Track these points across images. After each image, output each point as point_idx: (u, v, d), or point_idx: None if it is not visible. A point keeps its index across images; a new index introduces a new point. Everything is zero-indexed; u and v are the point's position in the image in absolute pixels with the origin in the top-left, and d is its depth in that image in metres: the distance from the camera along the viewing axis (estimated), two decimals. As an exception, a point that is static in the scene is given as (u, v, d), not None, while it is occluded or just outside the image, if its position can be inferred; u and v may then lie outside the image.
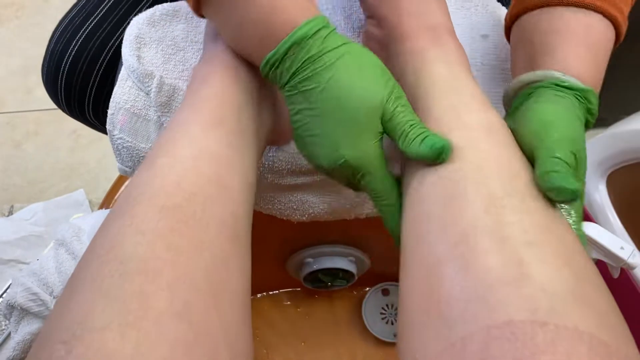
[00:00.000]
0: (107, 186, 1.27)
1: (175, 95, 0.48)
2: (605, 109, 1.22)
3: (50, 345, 0.23)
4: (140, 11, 0.62)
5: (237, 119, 0.35)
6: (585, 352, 0.21)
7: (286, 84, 0.34)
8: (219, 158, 0.32)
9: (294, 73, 0.33)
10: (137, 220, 0.27)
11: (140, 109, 0.48)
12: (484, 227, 0.27)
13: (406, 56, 0.38)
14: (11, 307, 0.52)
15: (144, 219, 0.27)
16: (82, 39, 0.60)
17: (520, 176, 0.29)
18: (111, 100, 0.49)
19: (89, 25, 0.61)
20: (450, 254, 0.27)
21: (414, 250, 0.30)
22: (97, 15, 0.62)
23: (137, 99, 0.48)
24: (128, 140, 0.49)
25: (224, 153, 0.33)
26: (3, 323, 0.97)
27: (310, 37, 0.32)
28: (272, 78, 0.35)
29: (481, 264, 0.25)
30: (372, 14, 0.42)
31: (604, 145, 1.01)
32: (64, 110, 0.66)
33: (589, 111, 0.36)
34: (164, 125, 0.48)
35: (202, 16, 0.37)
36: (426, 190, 0.31)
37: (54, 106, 0.66)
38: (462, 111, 0.33)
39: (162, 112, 0.48)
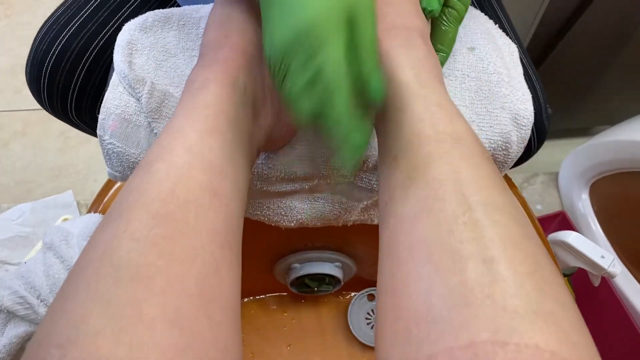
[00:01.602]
0: (95, 188, 1.27)
1: (167, 101, 0.48)
2: (589, 119, 1.25)
3: (44, 349, 0.24)
4: (125, 13, 0.62)
5: (232, 128, 0.36)
6: None
7: None
8: (213, 166, 0.33)
9: None
10: (132, 227, 0.28)
11: (131, 115, 0.49)
12: (447, 247, 0.27)
13: None
14: (-2, 310, 0.52)
15: (138, 226, 0.28)
16: (66, 38, 0.60)
17: (483, 188, 0.29)
18: (102, 105, 0.49)
19: (73, 25, 0.61)
20: (418, 274, 0.27)
21: (387, 271, 0.30)
22: (82, 15, 0.62)
23: (128, 105, 0.49)
24: (118, 146, 0.49)
25: (218, 161, 0.33)
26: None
27: None
28: None
29: (445, 284, 0.25)
30: None
31: (588, 155, 1.03)
32: (46, 109, 0.66)
33: None
34: (155, 132, 0.49)
35: None
36: (397, 211, 0.31)
37: (42, 106, 0.66)
38: (428, 122, 0.33)
39: (153, 118, 0.48)
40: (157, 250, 0.27)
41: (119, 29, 0.53)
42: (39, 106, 0.67)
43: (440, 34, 0.47)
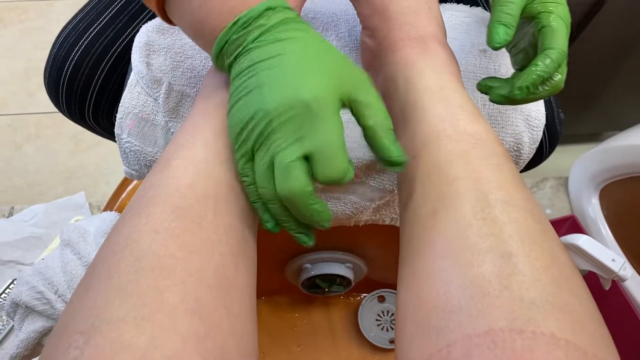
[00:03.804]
0: (106, 190, 1.29)
1: (183, 101, 0.49)
2: (599, 124, 1.24)
3: (68, 335, 0.24)
4: (143, 20, 0.63)
5: None
6: (562, 357, 0.22)
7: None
8: (229, 162, 0.34)
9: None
10: (152, 220, 0.29)
11: (148, 114, 0.50)
12: (466, 240, 0.27)
13: (396, 65, 0.39)
14: (16, 305, 0.53)
15: (158, 219, 0.29)
16: (85, 44, 0.62)
17: (502, 187, 0.30)
18: (120, 104, 0.50)
19: (92, 32, 0.62)
20: (438, 267, 0.28)
21: (407, 266, 0.31)
22: (101, 22, 0.63)
23: (145, 104, 0.50)
24: (136, 144, 0.50)
25: (233, 157, 0.34)
26: (0, 323, 0.97)
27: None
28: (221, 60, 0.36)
29: (464, 276, 0.26)
30: (365, 25, 0.43)
31: (598, 160, 1.03)
32: (64, 114, 0.68)
33: None
34: (172, 131, 0.50)
35: (170, 22, 0.38)
36: (417, 207, 0.32)
37: (56, 109, 0.67)
38: (449, 123, 0.34)
39: (170, 117, 0.49)
40: (178, 242, 0.28)
41: (136, 35, 0.54)
42: (51, 109, 0.68)
43: None
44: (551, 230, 0.30)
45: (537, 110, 0.50)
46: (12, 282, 1.02)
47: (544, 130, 0.53)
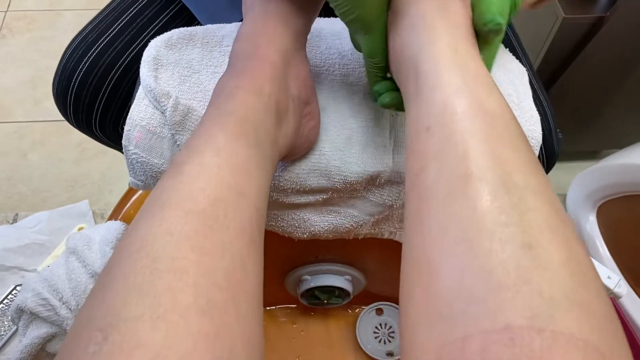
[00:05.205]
0: (110, 198, 1.30)
1: (190, 115, 0.51)
2: (597, 142, 1.26)
3: (87, 332, 0.25)
4: (151, 32, 0.65)
5: (257, 133, 0.38)
6: (580, 358, 0.22)
7: None
8: (240, 168, 0.35)
9: None
10: (166, 223, 0.30)
11: (155, 127, 0.51)
12: (483, 227, 0.26)
13: (411, 21, 0.38)
14: (20, 311, 0.54)
15: (172, 222, 0.30)
16: (93, 55, 0.63)
17: (520, 170, 0.29)
18: (128, 117, 0.52)
19: (101, 43, 0.64)
20: (451, 252, 0.27)
21: (416, 246, 0.30)
22: (110, 33, 0.65)
23: (153, 117, 0.51)
24: (142, 156, 0.51)
25: (243, 163, 0.36)
26: (2, 329, 0.98)
27: None
28: None
29: (481, 266, 0.25)
30: None
31: (595, 178, 1.04)
32: (71, 123, 0.69)
33: None
34: (177, 143, 0.51)
35: None
36: (429, 184, 0.31)
37: (61, 118, 0.69)
38: (464, 95, 0.32)
39: (176, 130, 0.50)
40: (190, 244, 0.29)
41: (143, 48, 0.55)
42: (57, 117, 0.70)
43: None
44: (566, 216, 0.29)
45: (533, 130, 0.52)
46: (14, 288, 1.03)
47: (541, 149, 0.54)
